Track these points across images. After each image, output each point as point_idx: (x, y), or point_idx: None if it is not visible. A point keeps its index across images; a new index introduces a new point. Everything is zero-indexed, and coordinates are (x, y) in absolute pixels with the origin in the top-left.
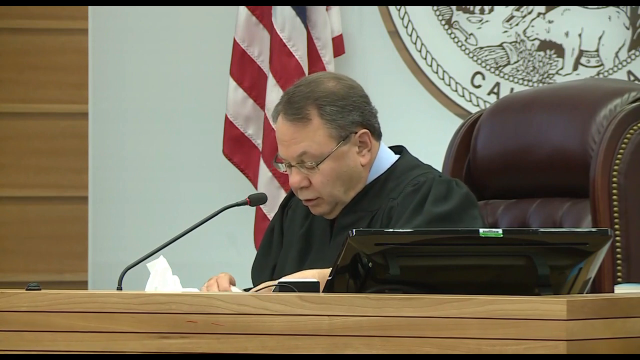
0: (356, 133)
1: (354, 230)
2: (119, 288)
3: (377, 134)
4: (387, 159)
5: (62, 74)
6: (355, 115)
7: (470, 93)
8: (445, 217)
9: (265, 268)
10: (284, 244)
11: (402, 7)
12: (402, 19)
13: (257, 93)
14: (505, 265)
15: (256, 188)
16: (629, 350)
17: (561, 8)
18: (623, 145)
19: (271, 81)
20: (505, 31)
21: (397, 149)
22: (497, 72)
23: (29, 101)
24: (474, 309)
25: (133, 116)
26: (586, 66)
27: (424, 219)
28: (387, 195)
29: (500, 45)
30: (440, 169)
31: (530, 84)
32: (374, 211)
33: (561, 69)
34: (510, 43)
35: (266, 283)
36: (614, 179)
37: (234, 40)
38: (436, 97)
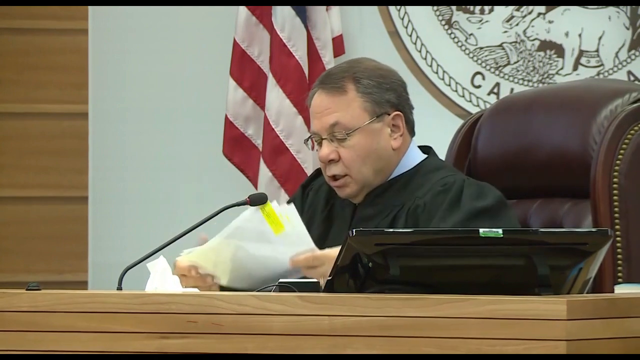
0: (389, 114)
1: (353, 230)
2: (119, 288)
3: (410, 125)
4: (415, 157)
5: (62, 74)
6: (391, 95)
7: (470, 93)
8: (485, 211)
9: None
10: (305, 223)
11: (402, 7)
12: (402, 19)
13: (257, 93)
14: (505, 265)
15: (256, 188)
16: (629, 350)
17: (561, 8)
18: (624, 146)
19: (271, 81)
20: (505, 31)
21: (425, 149)
22: (497, 72)
23: (29, 101)
24: (474, 309)
25: (133, 116)
26: (586, 66)
27: (464, 214)
28: (412, 193)
29: (500, 45)
30: None
31: (530, 84)
32: (397, 207)
33: (561, 69)
34: (510, 43)
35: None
36: (615, 180)
37: (234, 40)
38: (436, 97)
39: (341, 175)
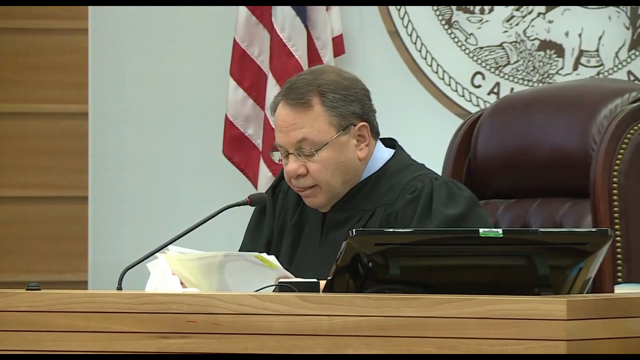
0: (355, 125)
1: (354, 230)
2: (119, 288)
3: (375, 132)
4: (380, 157)
5: (62, 74)
6: (356, 106)
7: (470, 93)
8: (457, 219)
9: (257, 243)
10: (277, 228)
11: (402, 7)
12: (402, 19)
13: (257, 93)
14: (505, 265)
15: (256, 188)
16: (629, 350)
17: (561, 8)
18: (623, 146)
19: (271, 81)
20: (505, 31)
21: (389, 142)
22: (497, 72)
23: (29, 101)
24: (474, 309)
25: (133, 116)
26: (586, 66)
27: (436, 222)
28: (381, 197)
29: (500, 45)
30: (440, 169)
31: (530, 84)
32: (368, 211)
33: (561, 69)
34: (510, 43)
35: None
36: (615, 179)
37: (234, 40)
38: (436, 97)
39: (310, 187)
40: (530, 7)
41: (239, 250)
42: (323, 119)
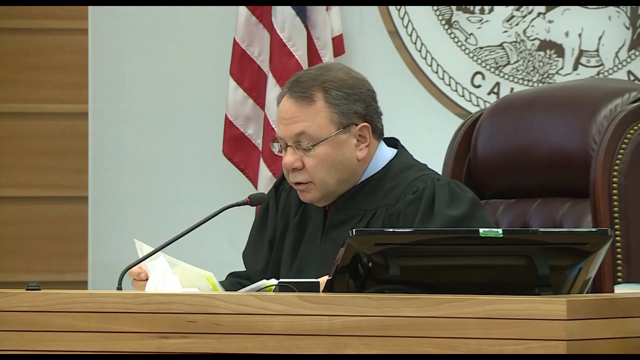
0: (357, 125)
1: (354, 230)
2: (119, 288)
3: (378, 133)
4: (383, 157)
5: (62, 74)
6: (359, 106)
7: (470, 93)
8: (460, 220)
9: (261, 243)
10: (279, 227)
11: (402, 7)
12: (402, 19)
13: (257, 93)
14: (505, 265)
15: (256, 188)
16: (629, 350)
17: (561, 8)
18: (623, 146)
19: (271, 81)
20: (505, 31)
21: (392, 142)
22: (497, 72)
23: (29, 101)
24: (474, 309)
25: (133, 116)
26: (586, 66)
27: (438, 223)
28: (383, 197)
29: (500, 45)
30: (440, 168)
31: (530, 84)
32: (370, 211)
33: (561, 69)
34: (510, 43)
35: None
36: (615, 179)
37: (234, 40)
38: (436, 97)
39: (304, 182)
40: (530, 7)
41: (244, 252)
42: (324, 115)
